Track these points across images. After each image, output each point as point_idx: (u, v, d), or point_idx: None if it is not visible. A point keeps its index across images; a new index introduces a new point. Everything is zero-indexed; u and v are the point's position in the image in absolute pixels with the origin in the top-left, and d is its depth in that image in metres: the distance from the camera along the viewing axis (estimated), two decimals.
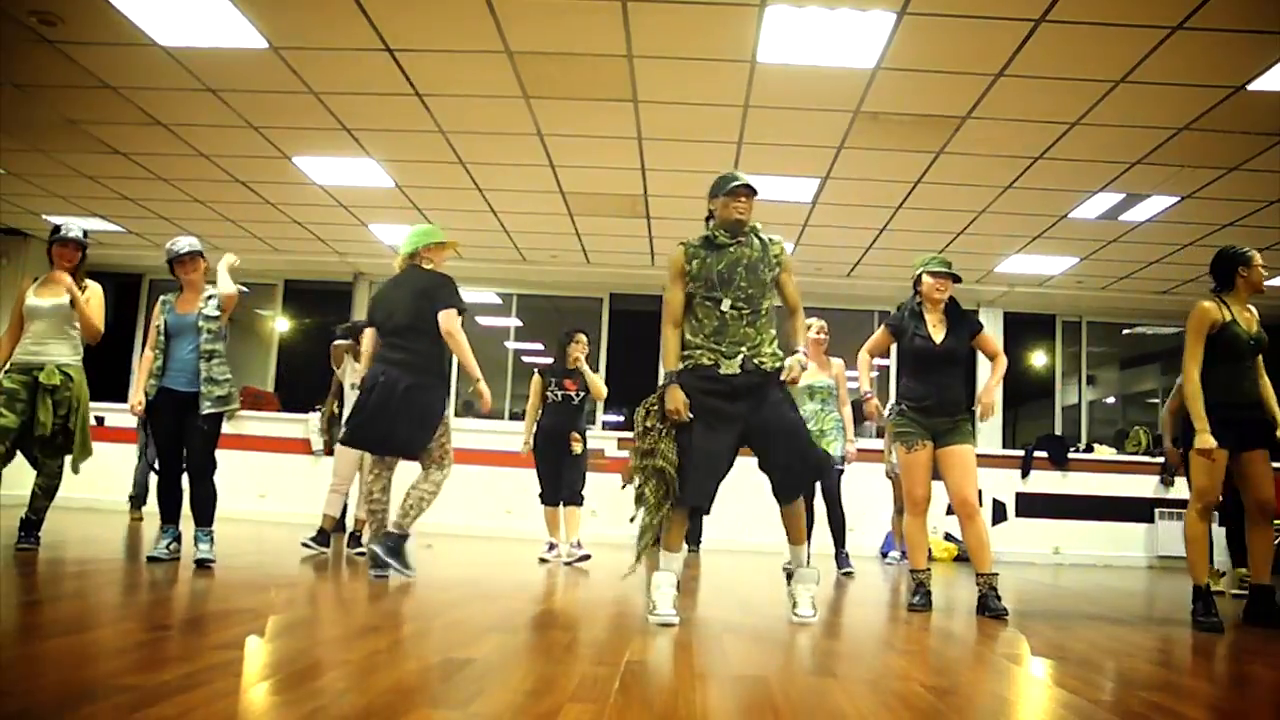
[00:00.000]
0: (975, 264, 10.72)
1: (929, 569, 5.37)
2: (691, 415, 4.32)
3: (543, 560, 7.50)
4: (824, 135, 7.50)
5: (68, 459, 5.91)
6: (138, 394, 5.83)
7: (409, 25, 6.06)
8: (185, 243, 5.90)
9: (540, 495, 7.65)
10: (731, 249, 4.46)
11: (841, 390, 7.42)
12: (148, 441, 8.56)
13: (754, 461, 4.49)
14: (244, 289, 6.06)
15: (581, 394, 7.62)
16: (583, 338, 7.68)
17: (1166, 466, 10.29)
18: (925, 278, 5.39)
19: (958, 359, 5.42)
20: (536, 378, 7.71)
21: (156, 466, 5.98)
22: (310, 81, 6.93)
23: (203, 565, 5.50)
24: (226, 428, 5.98)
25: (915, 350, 5.34)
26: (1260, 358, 5.25)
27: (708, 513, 4.52)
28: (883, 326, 5.56)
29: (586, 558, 7.43)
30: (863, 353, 5.66)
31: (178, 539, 5.81)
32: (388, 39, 6.23)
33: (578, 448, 7.58)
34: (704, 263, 4.44)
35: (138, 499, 9.58)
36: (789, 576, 4.69)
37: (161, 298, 6.00)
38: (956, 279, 5.43)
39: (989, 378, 5.54)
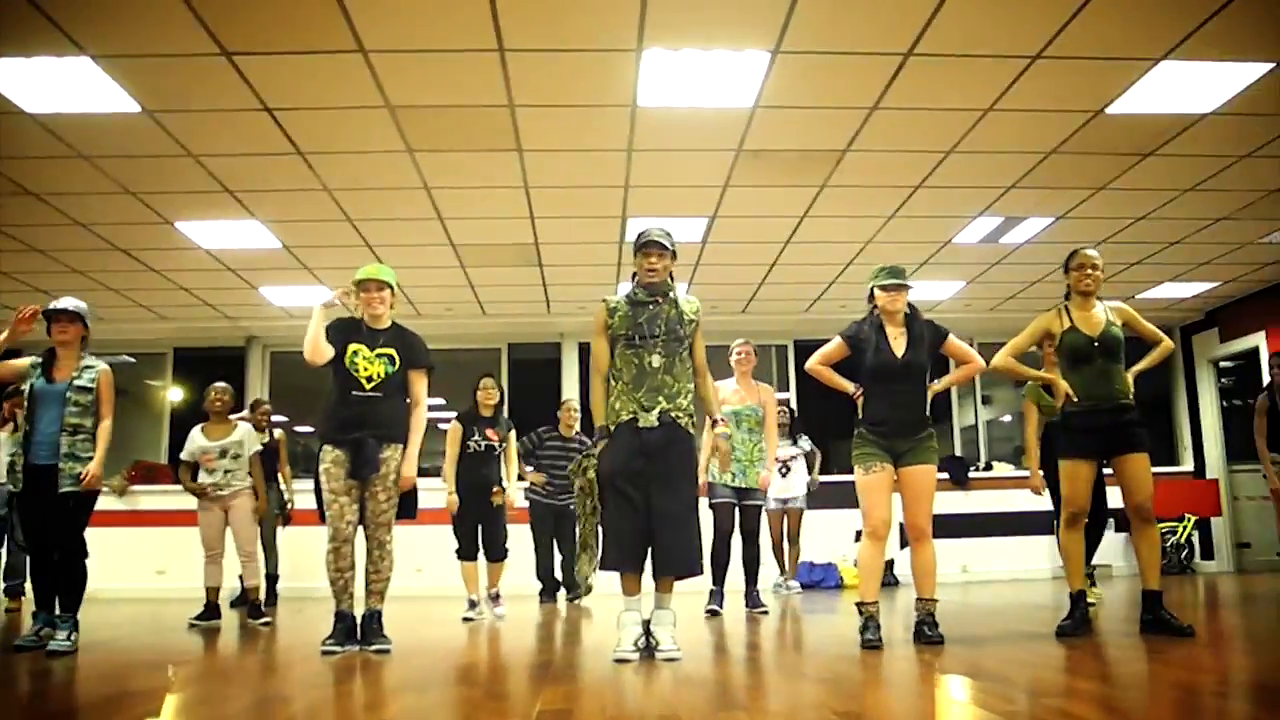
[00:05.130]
0: (865, 293, 10.89)
1: (878, 601, 4.94)
2: (615, 486, 4.60)
3: (466, 619, 7.04)
4: (709, 175, 7.60)
5: None
6: None
7: (286, 84, 5.99)
8: (65, 301, 5.62)
9: (458, 551, 7.27)
10: (651, 306, 4.70)
11: (769, 417, 7.24)
12: (12, 525, 7.73)
13: None
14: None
15: (502, 444, 7.47)
16: (488, 382, 7.60)
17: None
18: (877, 293, 5.18)
19: (919, 372, 5.11)
20: (455, 425, 7.39)
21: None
22: (188, 144, 6.79)
23: (54, 655, 5.02)
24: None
25: (877, 365, 5.06)
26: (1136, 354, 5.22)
27: (639, 571, 4.72)
28: (837, 338, 5.27)
29: (499, 616, 7.24)
30: (816, 365, 5.33)
31: (51, 624, 5.40)
32: (265, 99, 6.14)
33: (499, 500, 7.32)
34: (625, 317, 4.70)
35: (13, 589, 8.30)
36: (646, 625, 4.72)
37: (31, 359, 5.58)
38: (908, 288, 5.19)
39: (950, 375, 5.38)
